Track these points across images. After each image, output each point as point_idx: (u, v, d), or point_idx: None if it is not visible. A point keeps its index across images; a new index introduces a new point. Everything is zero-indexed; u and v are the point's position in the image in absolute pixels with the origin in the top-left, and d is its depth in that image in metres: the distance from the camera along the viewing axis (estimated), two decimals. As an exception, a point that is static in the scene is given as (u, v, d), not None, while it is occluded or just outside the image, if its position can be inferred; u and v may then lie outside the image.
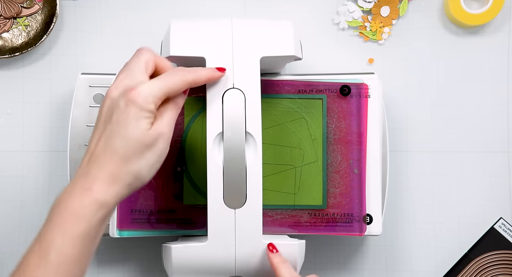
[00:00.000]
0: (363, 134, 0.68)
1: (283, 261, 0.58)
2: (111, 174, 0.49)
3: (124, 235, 0.66)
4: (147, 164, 0.50)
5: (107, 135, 0.50)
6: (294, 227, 0.67)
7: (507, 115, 0.76)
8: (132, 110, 0.49)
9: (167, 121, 0.52)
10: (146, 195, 0.66)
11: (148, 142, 0.50)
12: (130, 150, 0.49)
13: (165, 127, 0.51)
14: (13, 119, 0.74)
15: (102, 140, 0.50)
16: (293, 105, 0.68)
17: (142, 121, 0.49)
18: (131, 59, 0.54)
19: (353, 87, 0.68)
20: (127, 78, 0.52)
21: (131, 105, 0.49)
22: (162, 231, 0.66)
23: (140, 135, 0.49)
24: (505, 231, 0.73)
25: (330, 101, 0.68)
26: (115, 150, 0.49)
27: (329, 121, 0.68)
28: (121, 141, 0.49)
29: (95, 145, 0.50)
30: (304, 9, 0.77)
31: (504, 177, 0.76)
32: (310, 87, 0.68)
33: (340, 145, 0.68)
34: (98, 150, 0.50)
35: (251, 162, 0.59)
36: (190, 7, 0.76)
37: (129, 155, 0.49)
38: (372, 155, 0.67)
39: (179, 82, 0.53)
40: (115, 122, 0.50)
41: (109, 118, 0.50)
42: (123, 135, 0.49)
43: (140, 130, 0.49)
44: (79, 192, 0.48)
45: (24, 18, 0.73)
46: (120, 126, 0.49)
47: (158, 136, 0.50)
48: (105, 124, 0.51)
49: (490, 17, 0.74)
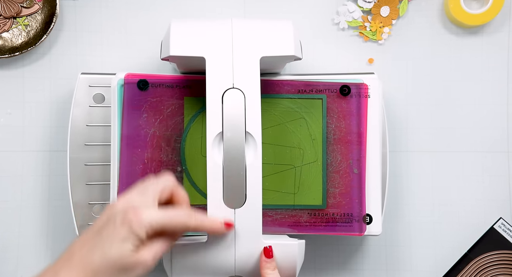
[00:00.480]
0: (363, 134, 0.68)
1: (272, 268, 0.59)
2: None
3: None
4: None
5: (90, 244, 0.50)
6: (294, 227, 0.67)
7: (507, 115, 0.76)
8: (123, 231, 0.49)
9: (153, 252, 0.51)
10: None
11: (126, 266, 0.49)
12: (104, 267, 0.49)
13: (149, 256, 0.51)
14: (13, 119, 0.74)
15: (85, 247, 0.50)
16: (293, 105, 0.68)
17: (127, 244, 0.49)
18: (152, 180, 0.55)
19: (353, 87, 0.68)
20: (138, 196, 0.52)
21: (125, 226, 0.50)
22: None
23: (121, 257, 0.49)
24: (505, 231, 0.73)
25: (330, 101, 0.68)
26: (90, 262, 0.49)
27: (329, 121, 0.68)
28: (99, 256, 0.49)
29: (77, 247, 0.50)
30: (304, 9, 0.77)
31: (504, 177, 0.76)
32: (310, 87, 0.68)
33: (340, 145, 0.68)
34: (76, 254, 0.50)
35: (251, 162, 0.59)
36: (190, 7, 0.76)
37: (101, 272, 0.49)
38: (372, 155, 0.67)
39: (180, 225, 0.53)
40: (103, 236, 0.50)
41: (101, 230, 0.51)
42: (105, 251, 0.49)
43: (122, 253, 0.49)
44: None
45: (24, 17, 0.73)
46: (105, 242, 0.49)
47: (138, 264, 0.50)
48: (95, 234, 0.51)
49: (490, 17, 0.74)
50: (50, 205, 0.74)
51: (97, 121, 0.68)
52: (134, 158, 0.65)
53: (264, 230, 0.62)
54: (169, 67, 0.73)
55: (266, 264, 0.59)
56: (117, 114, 0.65)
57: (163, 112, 0.66)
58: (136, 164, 0.65)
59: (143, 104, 0.66)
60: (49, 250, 0.73)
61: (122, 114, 0.65)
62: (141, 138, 0.66)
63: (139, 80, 0.66)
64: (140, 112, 0.66)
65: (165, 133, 0.66)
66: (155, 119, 0.66)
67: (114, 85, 0.65)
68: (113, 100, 0.65)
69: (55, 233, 0.74)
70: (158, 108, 0.66)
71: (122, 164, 0.65)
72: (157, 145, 0.66)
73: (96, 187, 0.68)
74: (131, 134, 0.65)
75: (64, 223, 0.73)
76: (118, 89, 0.65)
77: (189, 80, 0.67)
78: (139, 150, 0.66)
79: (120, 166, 0.65)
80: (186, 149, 0.67)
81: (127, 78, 0.65)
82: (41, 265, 0.73)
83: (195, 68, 0.65)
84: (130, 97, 0.66)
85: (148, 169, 0.66)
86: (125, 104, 0.65)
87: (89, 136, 0.68)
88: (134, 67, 0.75)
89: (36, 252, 0.73)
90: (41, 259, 0.73)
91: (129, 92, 0.65)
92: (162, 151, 0.66)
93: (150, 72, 0.70)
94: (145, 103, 0.66)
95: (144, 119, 0.66)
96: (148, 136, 0.66)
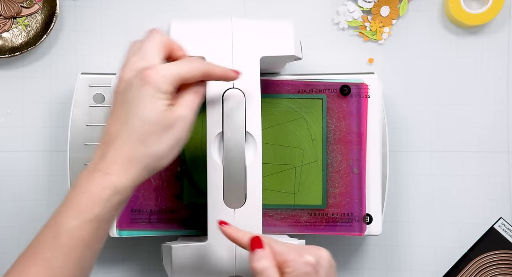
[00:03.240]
0: (363, 134, 0.68)
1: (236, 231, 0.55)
2: (127, 157, 0.48)
3: (124, 235, 0.66)
4: (166, 147, 0.49)
5: (123, 116, 0.49)
6: (294, 227, 0.67)
7: (507, 115, 0.76)
8: (148, 90, 0.48)
9: (188, 105, 0.50)
10: (146, 195, 0.66)
11: (166, 124, 0.49)
12: (147, 130, 0.48)
13: (184, 110, 0.50)
14: (13, 119, 0.74)
15: (118, 121, 0.49)
16: (293, 105, 0.68)
17: (158, 101, 0.48)
18: (144, 40, 0.52)
19: (353, 87, 0.68)
20: (141, 61, 0.50)
21: (147, 85, 0.48)
22: (162, 231, 0.66)
23: (157, 115, 0.48)
24: (505, 231, 0.73)
25: (330, 101, 0.68)
26: (131, 131, 0.48)
27: (329, 121, 0.68)
28: (137, 121, 0.48)
29: (111, 126, 0.49)
30: (304, 9, 0.77)
31: (504, 177, 0.76)
32: (310, 87, 0.68)
33: (340, 145, 0.68)
34: (114, 132, 0.49)
35: (251, 162, 0.59)
36: (190, 7, 0.76)
37: (146, 136, 0.48)
38: (372, 155, 0.67)
39: (194, 69, 0.51)
40: (131, 103, 0.48)
41: (125, 100, 0.49)
42: (140, 115, 0.48)
43: (156, 111, 0.48)
44: (95, 175, 0.47)
45: (24, 17, 0.73)
46: (136, 106, 0.48)
47: (177, 119, 0.49)
48: (121, 106, 0.49)
49: (490, 17, 0.74)
50: (50, 205, 0.74)
51: (97, 121, 0.68)
52: None
53: (264, 230, 0.62)
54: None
55: (229, 229, 0.55)
56: None
57: None
58: None
59: None
60: (49, 250, 0.73)
61: None
62: None
63: None
64: None
65: None
66: None
67: (114, 85, 0.65)
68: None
69: (55, 233, 0.73)
70: None
71: None
72: None
73: (96, 187, 0.68)
74: None
75: (64, 223, 0.73)
76: None
77: None
78: None
79: None
80: (186, 149, 0.67)
81: None
82: (41, 265, 0.73)
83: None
84: None
85: None
86: None
87: (89, 136, 0.68)
88: (134, 67, 0.75)
89: (36, 252, 0.73)
90: (41, 259, 0.73)
91: None
92: None
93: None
94: None
95: None
96: None
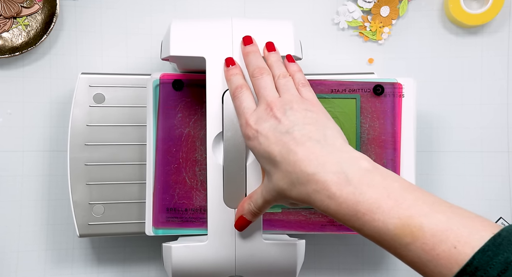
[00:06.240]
0: (397, 134, 0.67)
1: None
2: None
3: (159, 233, 0.66)
4: None
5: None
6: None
7: (507, 115, 0.76)
8: None
9: None
10: (182, 194, 0.66)
11: None
12: None
13: None
14: (13, 119, 0.74)
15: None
16: (326, 104, 0.67)
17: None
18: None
19: (387, 87, 0.67)
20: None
21: None
22: (197, 230, 0.66)
23: None
24: (505, 231, 0.72)
25: (363, 100, 0.67)
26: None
27: (362, 120, 0.67)
28: None
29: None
30: (304, 9, 0.77)
31: (504, 177, 0.76)
32: (343, 87, 0.67)
33: (374, 145, 0.67)
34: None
35: (251, 162, 0.59)
36: (190, 7, 0.76)
37: None
38: (406, 155, 0.67)
39: None
40: None
41: None
42: None
43: None
44: None
45: (24, 17, 0.73)
46: None
47: None
48: None
49: (490, 17, 0.74)
50: (50, 205, 0.74)
51: (97, 121, 0.68)
52: (169, 158, 0.66)
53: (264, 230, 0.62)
54: (169, 67, 0.74)
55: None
56: (152, 114, 0.65)
57: (197, 111, 0.66)
58: (171, 163, 0.66)
59: (178, 104, 0.66)
60: (49, 250, 0.73)
61: (157, 114, 0.65)
62: (176, 137, 0.66)
63: (174, 80, 0.66)
64: (175, 112, 0.66)
65: (200, 132, 0.66)
66: (190, 119, 0.66)
67: (150, 86, 0.65)
68: (148, 100, 0.65)
69: (55, 233, 0.74)
70: (193, 108, 0.66)
71: (157, 163, 0.65)
72: (191, 145, 0.66)
73: (96, 187, 0.68)
74: (166, 133, 0.66)
75: (64, 223, 0.73)
76: (153, 90, 0.65)
77: None
78: (174, 149, 0.66)
79: (156, 165, 0.65)
80: None
81: (162, 78, 0.66)
82: (41, 265, 0.73)
83: (195, 68, 0.65)
84: (165, 97, 0.66)
85: (183, 168, 0.66)
86: (161, 104, 0.65)
87: (89, 136, 0.68)
88: (134, 67, 0.75)
89: (36, 252, 0.73)
90: (41, 259, 0.73)
91: (164, 92, 0.66)
92: (196, 150, 0.66)
93: (150, 72, 0.70)
94: (180, 103, 0.66)
95: (179, 118, 0.66)
96: (183, 135, 0.66)
